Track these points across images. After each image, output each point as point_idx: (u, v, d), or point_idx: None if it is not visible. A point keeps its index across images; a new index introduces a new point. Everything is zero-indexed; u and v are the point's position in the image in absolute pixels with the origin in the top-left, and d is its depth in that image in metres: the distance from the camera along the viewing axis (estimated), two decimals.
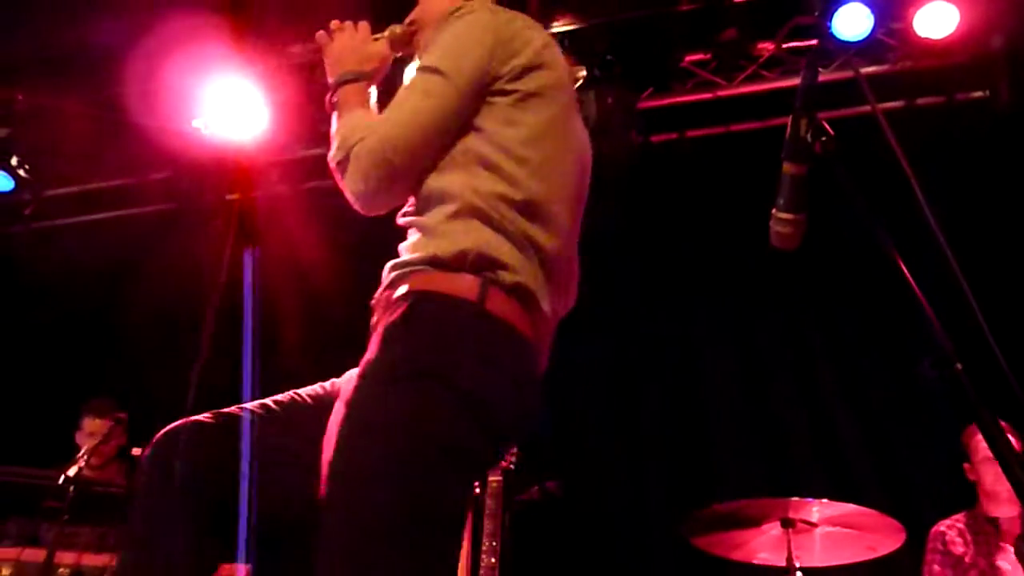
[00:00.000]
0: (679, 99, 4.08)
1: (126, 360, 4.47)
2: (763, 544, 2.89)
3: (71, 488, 2.81)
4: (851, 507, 2.73)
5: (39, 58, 3.78)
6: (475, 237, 1.28)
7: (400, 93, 1.37)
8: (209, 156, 4.24)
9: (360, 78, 1.47)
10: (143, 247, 4.53)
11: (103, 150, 4.70)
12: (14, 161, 4.85)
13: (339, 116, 1.42)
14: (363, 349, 1.30)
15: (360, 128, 1.35)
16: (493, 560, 2.98)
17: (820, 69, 1.27)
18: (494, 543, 3.01)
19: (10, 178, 4.87)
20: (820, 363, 3.87)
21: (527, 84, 1.36)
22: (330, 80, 1.48)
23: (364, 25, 1.54)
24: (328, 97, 1.47)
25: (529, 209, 1.32)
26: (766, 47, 3.84)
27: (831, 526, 2.80)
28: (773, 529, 2.80)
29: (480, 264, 1.27)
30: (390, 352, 1.23)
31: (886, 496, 3.33)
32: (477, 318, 1.24)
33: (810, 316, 3.98)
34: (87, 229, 5.03)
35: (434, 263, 1.28)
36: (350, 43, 1.50)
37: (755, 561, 2.98)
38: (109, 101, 4.14)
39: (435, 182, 1.33)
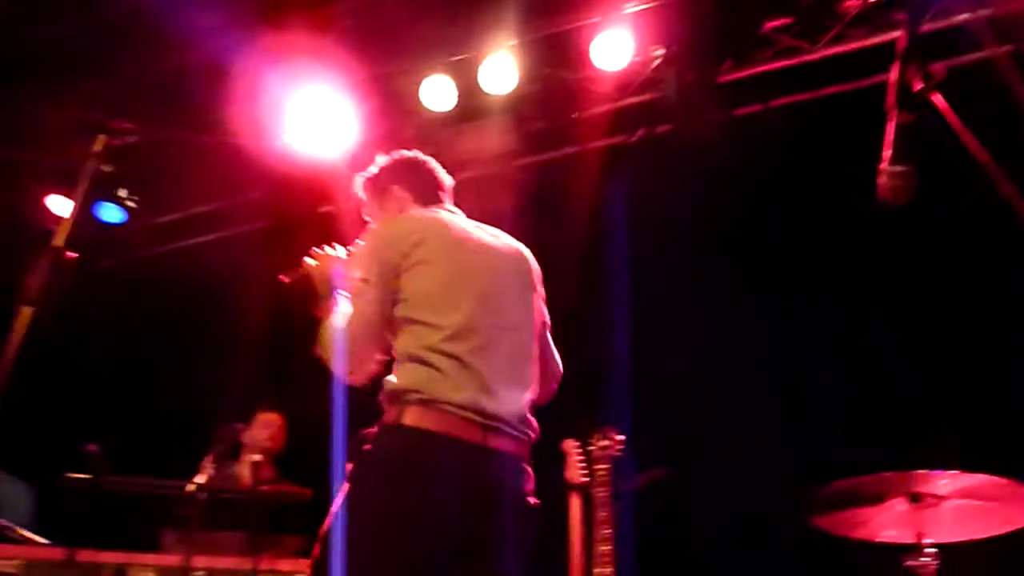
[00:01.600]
0: (761, 68, 3.96)
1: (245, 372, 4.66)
2: (888, 521, 2.76)
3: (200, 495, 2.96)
4: (983, 477, 2.59)
5: (132, 92, 3.97)
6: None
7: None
8: (300, 171, 4.38)
9: (334, 294, 2.03)
10: (247, 264, 4.71)
11: (202, 175, 4.94)
12: (123, 193, 5.15)
13: (323, 323, 1.98)
14: None
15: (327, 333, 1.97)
16: (607, 547, 2.97)
17: (919, 17, 1.21)
18: (607, 530, 3.01)
19: (122, 211, 5.17)
20: (935, 327, 3.67)
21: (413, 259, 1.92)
22: (319, 291, 2.06)
23: (339, 248, 2.12)
24: (314, 304, 2.05)
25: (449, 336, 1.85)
26: (852, 4, 3.68)
27: (962, 499, 2.65)
28: (899, 505, 2.68)
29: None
30: None
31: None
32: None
33: (923, 282, 3.79)
34: (193, 252, 5.29)
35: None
36: (328, 266, 2.08)
37: (880, 539, 2.86)
38: (203, 125, 4.31)
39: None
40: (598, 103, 4.21)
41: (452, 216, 2.12)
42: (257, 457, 3.13)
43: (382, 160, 2.24)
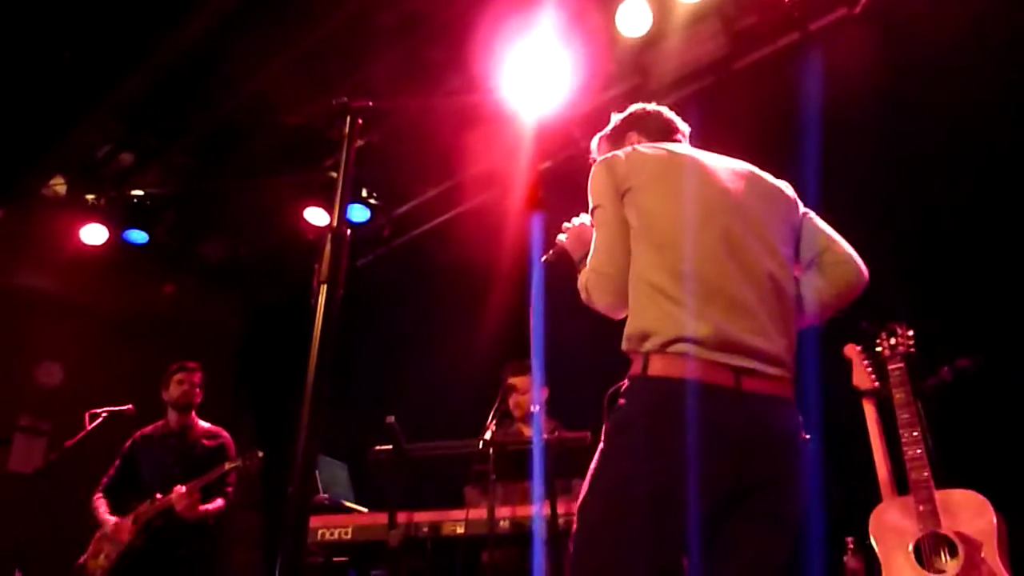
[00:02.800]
0: None
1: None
2: None
3: (490, 450, 3.13)
4: None
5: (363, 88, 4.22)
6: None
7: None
8: (518, 130, 4.44)
9: (587, 255, 2.00)
10: (484, 234, 4.88)
11: (427, 162, 5.20)
12: (364, 193, 5.58)
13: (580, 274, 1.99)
14: None
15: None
16: (919, 451, 2.73)
17: None
18: (914, 433, 2.76)
19: (366, 208, 5.61)
20: None
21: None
22: (575, 258, 2.11)
23: (584, 217, 2.11)
24: (577, 268, 2.08)
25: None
26: None
27: None
28: None
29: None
30: None
31: None
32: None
33: None
34: (437, 232, 5.60)
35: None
36: (578, 234, 2.12)
37: None
38: (419, 100, 4.48)
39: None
40: None
41: (681, 147, 2.07)
42: (536, 408, 3.24)
43: (618, 116, 2.25)
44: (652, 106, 2.22)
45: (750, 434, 1.68)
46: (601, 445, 1.76)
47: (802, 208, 2.01)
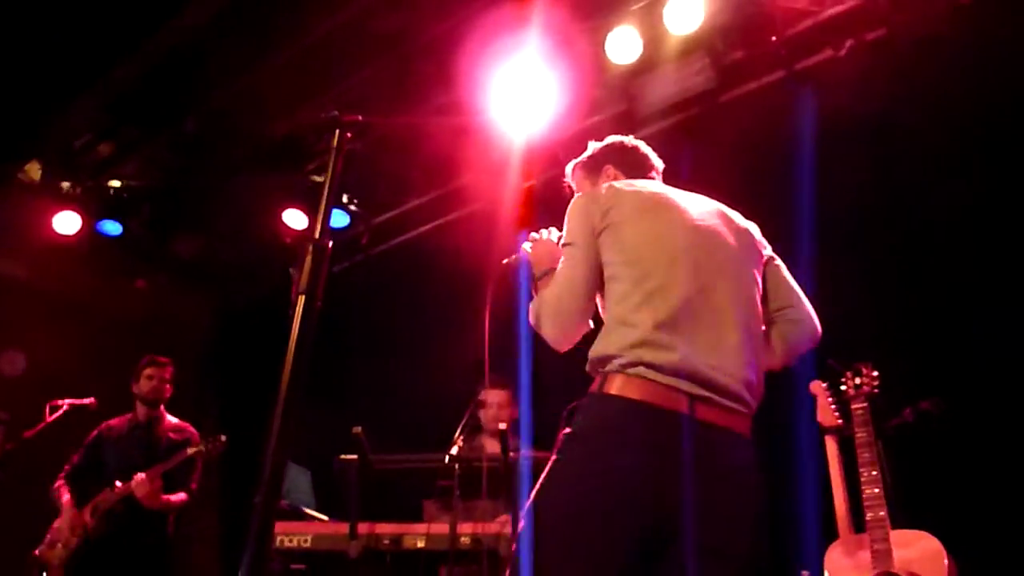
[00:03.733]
0: None
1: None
2: None
3: (456, 466, 3.13)
4: None
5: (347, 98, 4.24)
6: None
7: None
8: (504, 148, 4.46)
9: (551, 272, 2.03)
10: (465, 246, 4.89)
11: (411, 169, 5.21)
12: (344, 198, 5.57)
13: (538, 295, 2.02)
14: None
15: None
16: (876, 490, 2.77)
17: None
18: (873, 472, 2.81)
19: (345, 214, 5.59)
20: None
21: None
22: (535, 273, 2.08)
23: (553, 231, 2.14)
24: (532, 286, 2.09)
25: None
26: None
27: None
28: None
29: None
30: None
31: None
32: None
33: None
34: (415, 243, 5.60)
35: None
36: (544, 248, 2.11)
37: None
38: (409, 119, 4.51)
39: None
40: (795, 21, 3.91)
41: (656, 184, 2.13)
42: (503, 426, 3.25)
43: (595, 144, 2.29)
44: (630, 140, 2.27)
45: (699, 460, 1.70)
46: (553, 457, 1.80)
47: (768, 252, 2.06)
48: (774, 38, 3.91)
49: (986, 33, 3.52)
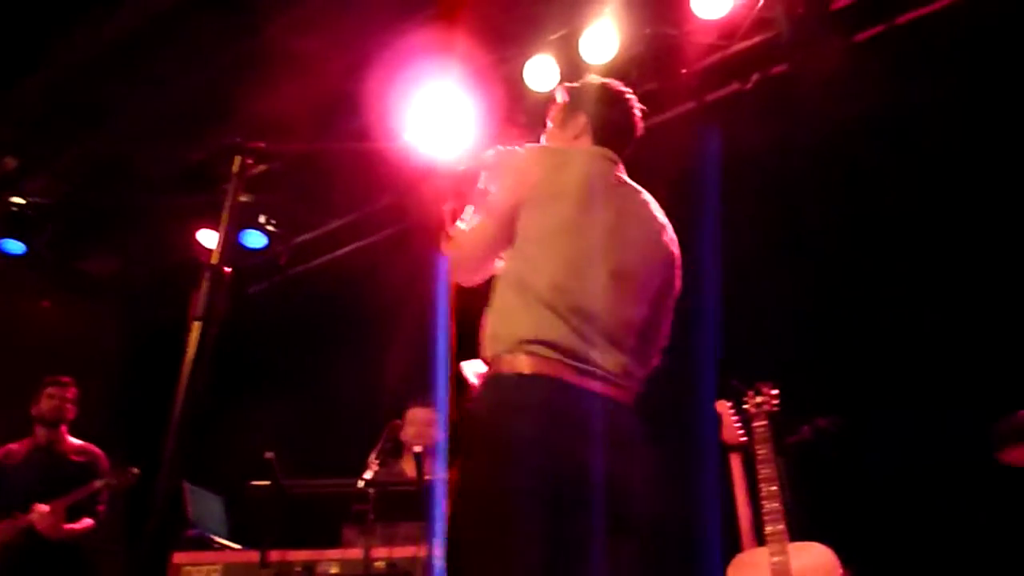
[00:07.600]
0: None
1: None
2: None
3: (370, 490, 3.11)
4: None
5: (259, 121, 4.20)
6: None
7: None
8: (423, 171, 4.49)
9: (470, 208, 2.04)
10: (384, 268, 4.88)
11: (331, 193, 5.17)
12: (262, 219, 5.49)
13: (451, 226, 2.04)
14: None
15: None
16: (776, 504, 2.89)
17: None
18: (772, 487, 2.92)
19: (263, 235, 5.51)
20: None
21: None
22: (466, 191, 2.07)
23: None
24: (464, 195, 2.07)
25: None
26: None
27: None
28: None
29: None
30: None
31: None
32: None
33: None
34: (334, 265, 5.55)
35: None
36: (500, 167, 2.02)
37: None
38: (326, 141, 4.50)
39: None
40: (705, 55, 4.09)
41: (604, 166, 2.02)
42: (419, 449, 3.24)
43: (592, 80, 2.17)
44: (627, 96, 2.11)
45: (593, 423, 1.75)
46: (462, 443, 1.82)
47: (678, 283, 2.07)
48: (684, 71, 4.07)
49: (877, 70, 3.75)
